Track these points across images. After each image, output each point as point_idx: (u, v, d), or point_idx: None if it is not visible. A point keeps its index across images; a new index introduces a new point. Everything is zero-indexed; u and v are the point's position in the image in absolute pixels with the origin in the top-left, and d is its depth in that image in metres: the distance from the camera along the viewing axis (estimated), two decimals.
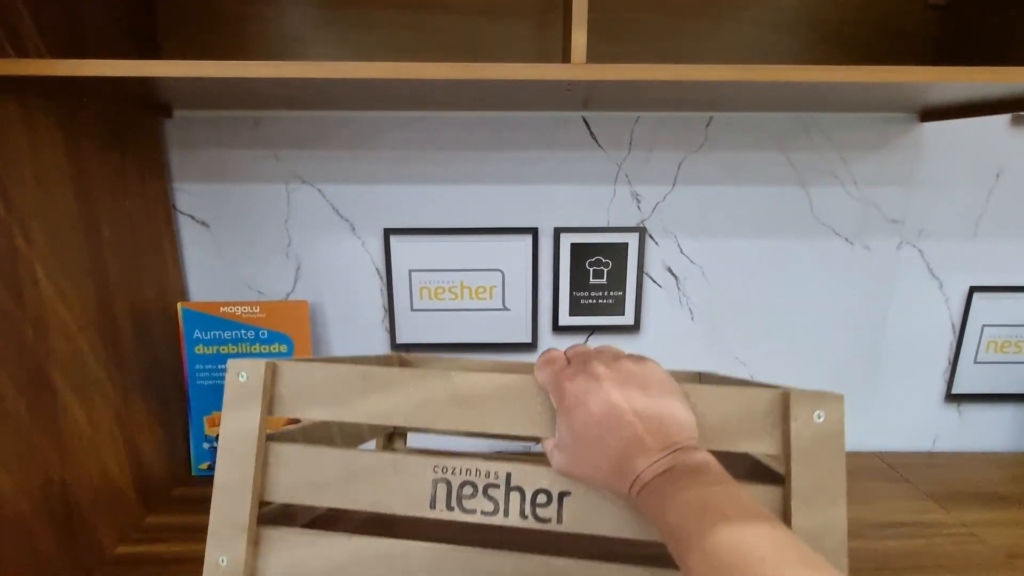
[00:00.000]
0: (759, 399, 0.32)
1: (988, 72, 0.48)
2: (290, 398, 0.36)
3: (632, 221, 0.78)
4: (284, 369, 0.36)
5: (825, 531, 0.31)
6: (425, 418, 0.35)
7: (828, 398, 0.31)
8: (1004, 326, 0.82)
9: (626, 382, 0.32)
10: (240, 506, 0.35)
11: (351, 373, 0.35)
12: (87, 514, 0.59)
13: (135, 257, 0.67)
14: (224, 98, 0.65)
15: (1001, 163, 0.76)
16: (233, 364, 0.36)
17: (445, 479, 0.35)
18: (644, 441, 0.30)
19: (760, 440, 0.32)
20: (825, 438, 0.31)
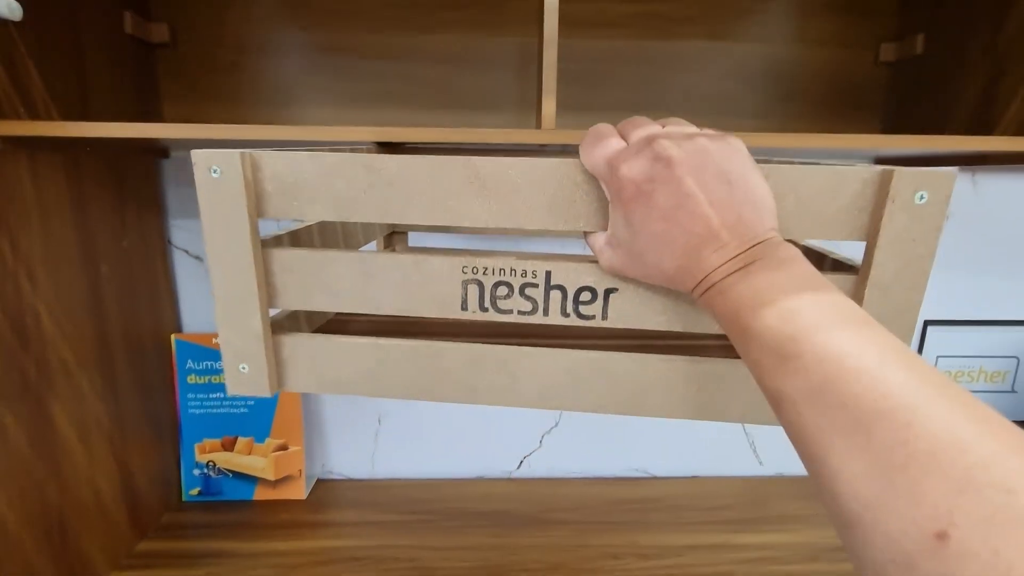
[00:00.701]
0: (853, 179, 0.27)
1: (925, 140, 0.53)
2: (280, 196, 0.31)
3: None
4: (266, 160, 0.30)
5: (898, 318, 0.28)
6: (445, 214, 0.30)
7: (937, 177, 0.27)
8: (958, 357, 0.87)
9: (702, 166, 0.26)
10: (249, 316, 0.32)
11: (351, 163, 0.30)
12: (82, 541, 0.61)
13: (132, 292, 0.70)
14: (219, 144, 0.69)
15: (952, 206, 0.82)
16: (200, 156, 0.30)
17: (476, 280, 0.31)
18: (720, 236, 0.25)
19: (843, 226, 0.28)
20: (922, 222, 0.27)
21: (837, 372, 0.20)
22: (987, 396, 0.89)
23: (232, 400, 0.80)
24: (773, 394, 0.23)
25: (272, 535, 0.74)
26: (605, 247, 0.30)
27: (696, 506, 0.57)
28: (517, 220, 0.30)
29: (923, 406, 0.18)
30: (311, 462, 0.88)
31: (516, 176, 0.30)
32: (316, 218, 0.33)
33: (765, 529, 0.76)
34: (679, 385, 0.34)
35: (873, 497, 0.18)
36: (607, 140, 0.29)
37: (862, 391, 0.19)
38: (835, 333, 0.21)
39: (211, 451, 0.80)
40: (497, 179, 0.30)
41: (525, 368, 0.33)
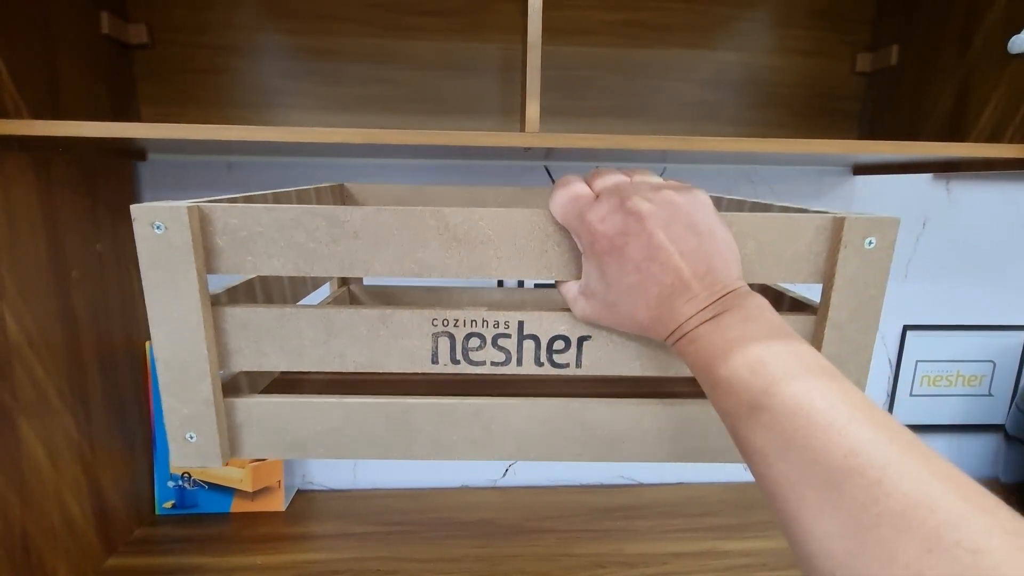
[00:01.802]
0: (807, 226, 0.28)
1: (898, 146, 0.55)
2: (232, 251, 0.29)
3: None
4: (218, 214, 0.28)
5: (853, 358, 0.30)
6: (414, 266, 0.29)
7: (883, 222, 0.28)
8: (936, 361, 0.89)
9: (671, 219, 0.26)
10: (198, 380, 0.29)
11: (312, 216, 0.28)
12: (46, 558, 0.59)
13: (104, 299, 0.68)
14: (198, 146, 0.68)
15: (926, 213, 0.84)
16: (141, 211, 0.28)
17: (447, 332, 0.30)
18: (691, 286, 0.26)
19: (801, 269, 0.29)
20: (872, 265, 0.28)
21: (807, 427, 0.20)
22: (965, 400, 0.90)
23: None
24: (744, 445, 0.23)
25: (250, 549, 0.72)
26: (579, 297, 0.30)
27: (682, 513, 0.56)
28: (488, 271, 0.30)
29: (893, 464, 0.19)
30: (290, 473, 0.86)
31: (487, 227, 0.29)
32: (273, 273, 0.30)
33: (751, 535, 0.76)
34: (654, 430, 0.33)
35: (846, 555, 0.18)
36: (577, 193, 0.29)
37: (833, 447, 0.20)
38: (805, 387, 0.22)
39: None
40: (467, 230, 0.29)
41: (499, 420, 0.32)
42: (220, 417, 0.31)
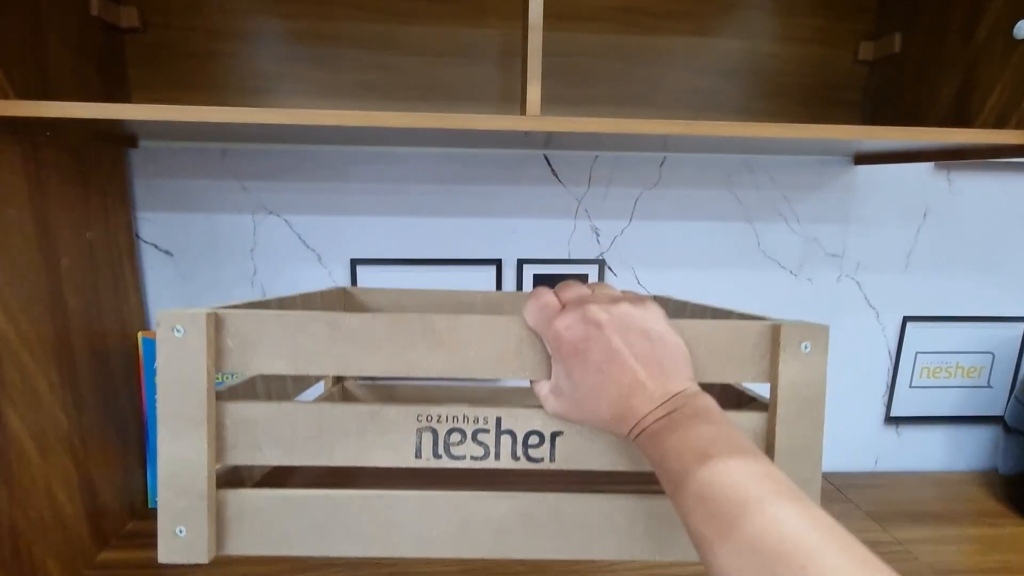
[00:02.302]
0: (750, 332, 0.32)
1: (902, 132, 0.54)
2: (241, 352, 0.31)
3: (592, 254, 0.81)
4: (231, 319, 0.31)
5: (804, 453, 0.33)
6: (403, 366, 0.32)
7: (815, 329, 0.31)
8: (935, 353, 0.88)
9: (626, 327, 0.30)
10: (195, 474, 0.31)
11: (314, 321, 0.31)
12: (36, 553, 0.58)
13: (95, 287, 0.67)
14: (192, 131, 0.66)
15: (927, 203, 0.83)
16: (165, 316, 0.30)
17: (430, 428, 0.33)
18: (645, 387, 0.29)
19: (748, 370, 0.32)
20: (810, 367, 0.32)
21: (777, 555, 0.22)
22: (964, 391, 0.90)
23: None
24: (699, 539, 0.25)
25: None
26: (549, 395, 0.33)
27: None
28: (469, 371, 0.32)
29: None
30: None
31: (468, 332, 0.32)
32: (275, 372, 0.32)
33: None
34: (626, 524, 0.35)
35: None
36: (546, 302, 0.32)
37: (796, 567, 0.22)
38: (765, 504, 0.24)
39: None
40: (451, 334, 0.32)
41: (479, 515, 0.34)
42: (211, 511, 0.32)
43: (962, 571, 0.68)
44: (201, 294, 0.78)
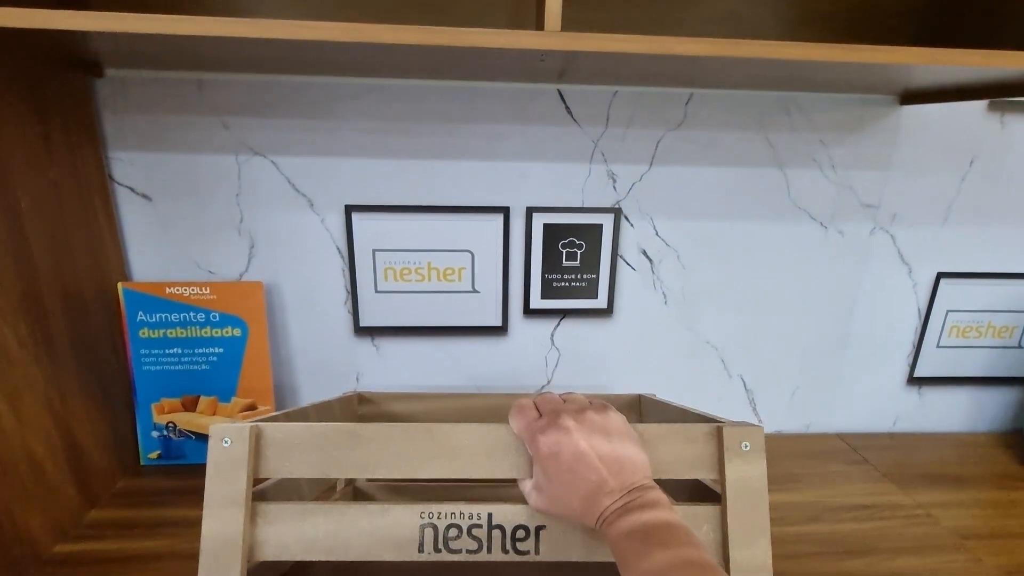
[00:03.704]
0: (698, 434, 0.38)
1: (975, 55, 0.47)
2: (276, 459, 0.37)
3: (607, 201, 0.75)
4: (269, 431, 0.37)
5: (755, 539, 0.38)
6: (411, 469, 0.37)
7: (752, 430, 0.37)
8: (967, 311, 0.83)
9: (591, 432, 0.37)
10: (230, 566, 0.36)
11: (339, 433, 0.37)
12: (16, 511, 0.54)
13: (64, 233, 0.61)
14: (162, 56, 0.58)
15: (975, 149, 0.76)
16: (216, 430, 0.36)
17: (432, 524, 0.38)
18: (607, 483, 0.35)
19: (700, 467, 0.38)
20: (750, 463, 0.37)
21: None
22: (992, 352, 0.86)
23: (192, 356, 0.72)
24: None
25: None
26: (532, 491, 0.39)
27: None
28: (466, 472, 0.38)
29: None
30: None
31: (466, 439, 0.38)
32: (303, 476, 0.38)
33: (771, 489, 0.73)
34: None
35: None
36: (529, 414, 0.40)
37: None
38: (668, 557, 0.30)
39: (170, 411, 0.73)
40: (451, 442, 0.38)
41: None
42: None
43: (985, 535, 0.66)
44: (184, 243, 0.72)
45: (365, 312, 0.76)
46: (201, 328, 0.71)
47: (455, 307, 0.77)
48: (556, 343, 0.81)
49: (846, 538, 0.64)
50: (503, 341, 0.80)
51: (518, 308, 0.78)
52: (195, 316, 0.71)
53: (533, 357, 0.81)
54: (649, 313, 0.80)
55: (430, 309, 0.77)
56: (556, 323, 0.80)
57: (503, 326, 0.78)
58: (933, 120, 0.74)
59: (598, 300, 0.78)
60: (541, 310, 0.78)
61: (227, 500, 0.36)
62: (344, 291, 0.76)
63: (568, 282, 0.77)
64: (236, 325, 0.71)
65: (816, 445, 0.84)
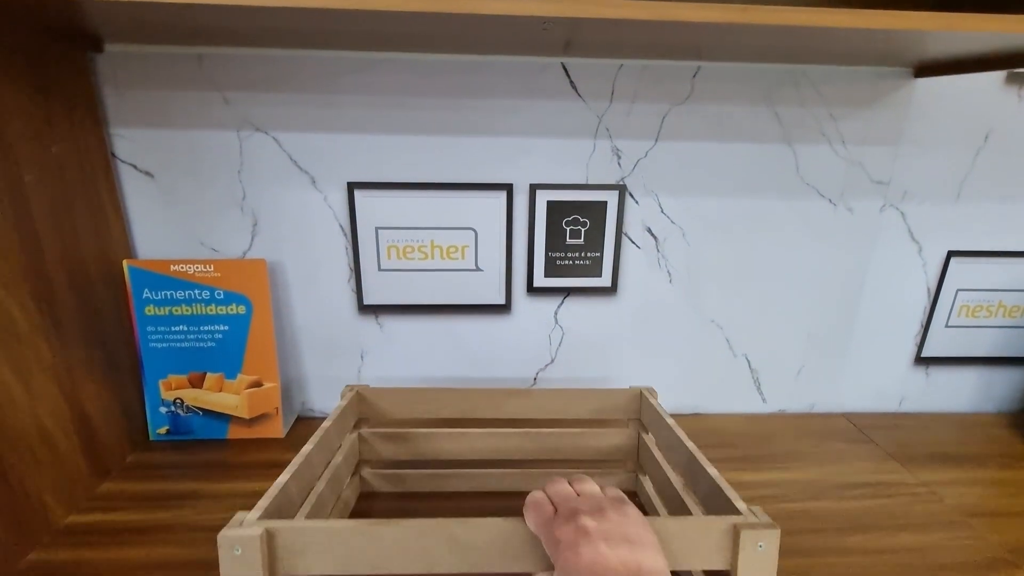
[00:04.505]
0: (714, 530, 0.38)
1: (995, 21, 0.45)
2: (290, 559, 0.37)
3: (612, 178, 0.74)
4: (282, 534, 0.36)
5: None
6: (426, 566, 0.37)
7: (769, 533, 0.38)
8: (978, 290, 0.82)
9: (610, 534, 0.36)
10: None
11: (352, 531, 0.37)
12: (29, 485, 0.55)
13: (69, 209, 0.61)
14: (161, 30, 0.58)
15: (991, 124, 0.74)
16: (225, 539, 0.35)
17: None
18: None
19: (714, 560, 0.39)
20: (764, 561, 0.38)
21: None
22: (1002, 332, 0.85)
23: (197, 334, 0.72)
24: None
25: (249, 475, 0.69)
26: None
27: (698, 443, 0.53)
28: (481, 567, 0.38)
29: None
30: (289, 399, 0.82)
31: (481, 536, 0.37)
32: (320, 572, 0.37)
33: (770, 467, 0.73)
34: None
35: None
36: (545, 510, 0.39)
37: None
38: None
39: (177, 388, 0.74)
40: (467, 537, 0.37)
41: None
42: None
43: (990, 513, 0.65)
44: (187, 220, 0.72)
45: (369, 290, 0.76)
46: (206, 305, 0.71)
47: (459, 285, 0.77)
48: (560, 322, 0.81)
49: (848, 515, 0.64)
50: (507, 319, 0.80)
51: (521, 286, 0.78)
52: (200, 294, 0.71)
53: (537, 335, 0.81)
54: (654, 292, 0.80)
55: (434, 287, 0.77)
56: (560, 301, 0.80)
57: (507, 304, 0.78)
58: (948, 93, 0.72)
59: (602, 279, 0.78)
60: (545, 288, 0.78)
61: None
62: (347, 269, 0.76)
63: (572, 260, 0.77)
64: (240, 302, 0.72)
65: (821, 424, 0.84)
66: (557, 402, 0.66)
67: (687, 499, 0.52)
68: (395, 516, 0.62)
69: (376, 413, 0.65)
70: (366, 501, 0.65)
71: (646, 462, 0.64)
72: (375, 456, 0.66)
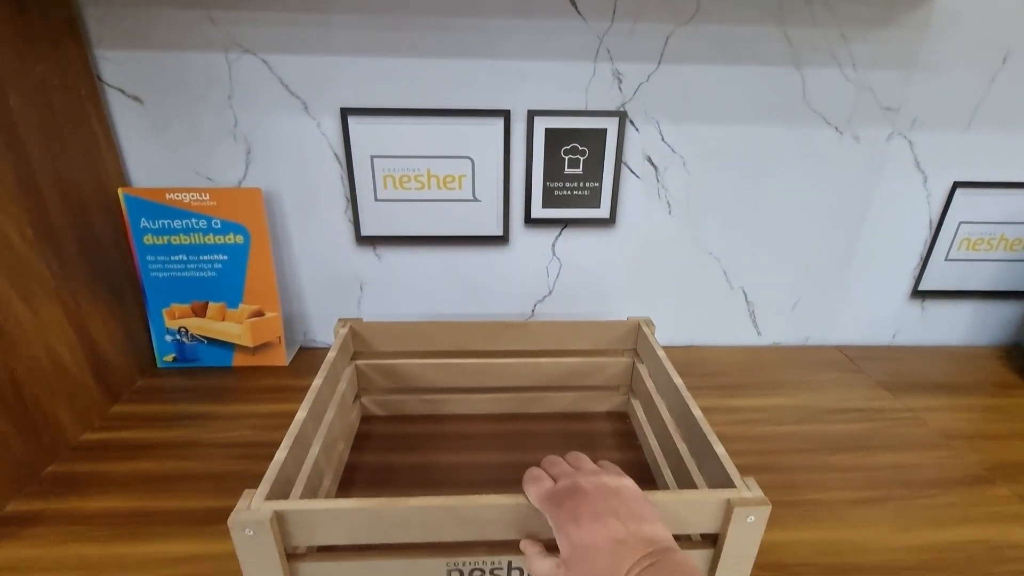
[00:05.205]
0: (711, 501, 0.40)
1: None
2: (302, 535, 0.38)
3: (612, 104, 0.72)
4: (291, 516, 0.37)
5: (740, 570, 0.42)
6: (432, 537, 0.39)
7: (760, 508, 0.40)
8: (981, 223, 0.81)
9: (609, 495, 0.37)
10: None
11: (361, 512, 0.38)
12: (44, 403, 0.58)
13: (58, 133, 0.60)
14: None
15: (1010, 45, 0.71)
16: (237, 522, 0.36)
17: (457, 569, 0.41)
18: (628, 543, 0.35)
19: (706, 527, 0.41)
20: (752, 530, 0.40)
21: None
22: (1001, 266, 0.84)
23: (197, 263, 0.73)
24: None
25: (254, 398, 0.71)
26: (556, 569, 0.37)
27: (692, 372, 0.54)
28: (484, 537, 0.40)
29: None
30: (291, 330, 0.84)
31: (485, 512, 0.39)
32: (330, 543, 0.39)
33: (759, 394, 0.75)
34: None
35: None
36: (543, 483, 0.40)
37: None
38: None
39: (181, 317, 0.75)
40: (473, 514, 0.39)
41: None
42: None
43: (970, 436, 0.68)
44: (179, 148, 0.71)
45: (366, 221, 0.76)
46: (204, 235, 0.72)
47: (456, 216, 0.77)
48: (557, 253, 0.81)
49: (833, 437, 0.67)
50: (504, 251, 0.80)
51: (519, 218, 0.78)
52: (197, 223, 0.71)
53: (534, 268, 0.81)
54: (652, 223, 0.79)
55: (431, 218, 0.76)
56: (558, 233, 0.79)
57: (504, 236, 0.78)
58: (966, 13, 0.69)
59: (600, 210, 0.77)
60: (542, 219, 0.78)
61: (265, 568, 0.38)
62: (344, 199, 0.75)
63: (570, 191, 0.76)
64: (238, 232, 0.72)
65: (813, 356, 0.86)
66: (554, 334, 0.67)
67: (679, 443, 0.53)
68: (394, 439, 0.64)
69: (370, 347, 0.66)
70: (367, 425, 0.67)
71: (639, 388, 0.66)
72: (372, 385, 0.67)
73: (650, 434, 0.62)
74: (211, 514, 0.53)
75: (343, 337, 0.62)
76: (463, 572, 0.41)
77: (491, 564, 0.41)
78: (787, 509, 0.55)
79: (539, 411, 0.70)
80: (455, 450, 0.63)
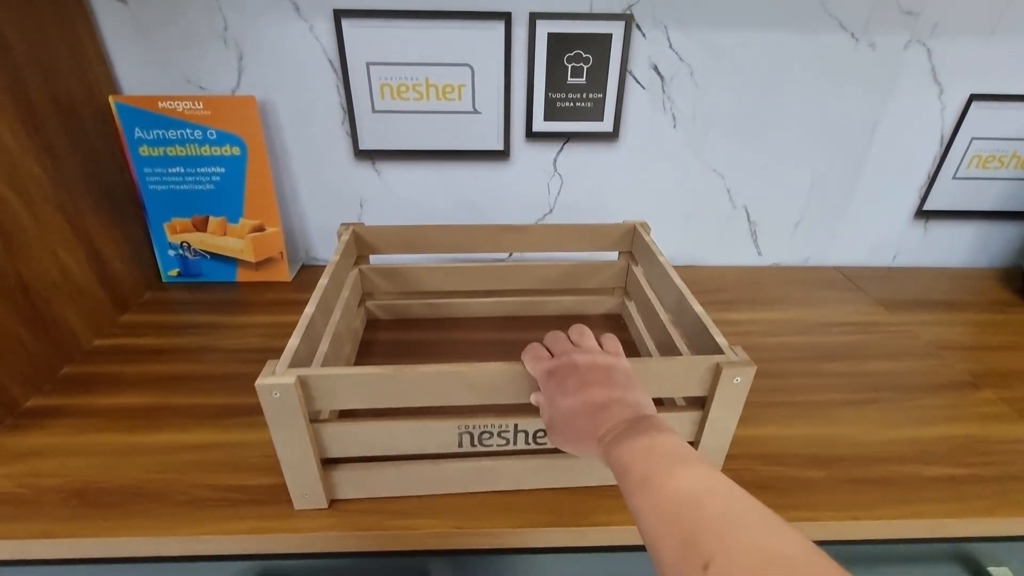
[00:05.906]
0: (699, 367, 0.43)
1: None
2: (323, 399, 0.41)
3: (618, 7, 0.69)
4: (313, 380, 0.40)
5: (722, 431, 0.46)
6: (442, 400, 0.42)
7: (747, 369, 0.42)
8: (993, 139, 0.79)
9: (595, 367, 0.39)
10: (308, 467, 0.43)
11: (378, 377, 0.40)
12: (55, 308, 0.59)
13: (44, 39, 0.58)
14: None
15: None
16: (263, 387, 0.39)
17: (468, 431, 0.44)
18: (609, 407, 0.37)
19: (695, 389, 0.44)
20: (737, 391, 0.43)
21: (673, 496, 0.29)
22: (1009, 185, 0.83)
23: (195, 176, 0.72)
24: (634, 509, 0.31)
25: (259, 310, 0.73)
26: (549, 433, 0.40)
27: (690, 288, 0.55)
28: (489, 400, 0.43)
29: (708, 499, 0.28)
30: (294, 247, 0.84)
31: (491, 377, 0.42)
32: (350, 407, 0.42)
33: (756, 308, 0.76)
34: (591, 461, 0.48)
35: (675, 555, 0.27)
36: (541, 356, 0.42)
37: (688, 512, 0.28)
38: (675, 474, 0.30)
39: (182, 231, 0.76)
40: (480, 380, 0.42)
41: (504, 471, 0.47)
42: (323, 484, 0.45)
43: (960, 347, 0.69)
44: (169, 54, 0.69)
45: (364, 134, 0.75)
46: (200, 146, 0.71)
47: (456, 129, 0.75)
48: (559, 169, 0.80)
49: (827, 347, 0.68)
50: (505, 166, 0.79)
51: (520, 131, 0.76)
52: (192, 133, 0.70)
53: (536, 183, 0.80)
54: (656, 138, 0.78)
55: (431, 132, 0.75)
56: (559, 147, 0.78)
57: (505, 150, 0.77)
58: None
59: (603, 123, 0.75)
60: (544, 133, 0.76)
61: (292, 433, 0.41)
62: (340, 110, 0.73)
63: (573, 102, 0.74)
64: (234, 143, 0.71)
65: (813, 275, 0.86)
66: (552, 237, 0.67)
67: (671, 330, 0.54)
68: (399, 342, 0.66)
69: (374, 251, 0.67)
70: (372, 330, 0.69)
71: (633, 290, 0.67)
72: (376, 289, 0.68)
73: (642, 328, 0.64)
74: (224, 409, 0.55)
75: (346, 241, 0.62)
76: (473, 434, 0.45)
77: (499, 427, 0.45)
78: (779, 408, 0.57)
79: (539, 313, 0.72)
80: (459, 355, 0.64)
